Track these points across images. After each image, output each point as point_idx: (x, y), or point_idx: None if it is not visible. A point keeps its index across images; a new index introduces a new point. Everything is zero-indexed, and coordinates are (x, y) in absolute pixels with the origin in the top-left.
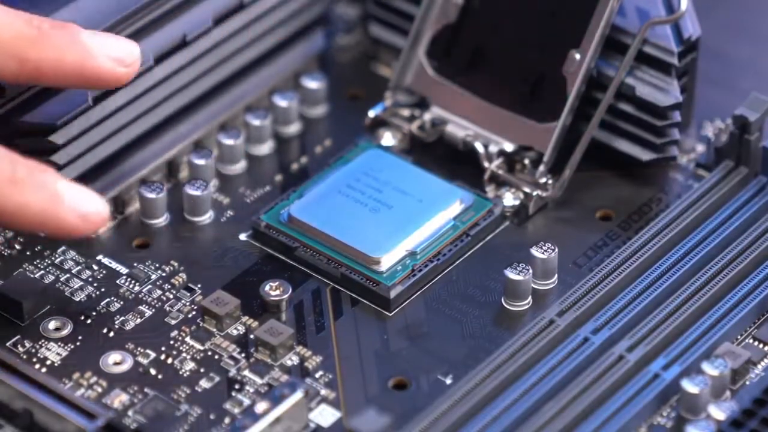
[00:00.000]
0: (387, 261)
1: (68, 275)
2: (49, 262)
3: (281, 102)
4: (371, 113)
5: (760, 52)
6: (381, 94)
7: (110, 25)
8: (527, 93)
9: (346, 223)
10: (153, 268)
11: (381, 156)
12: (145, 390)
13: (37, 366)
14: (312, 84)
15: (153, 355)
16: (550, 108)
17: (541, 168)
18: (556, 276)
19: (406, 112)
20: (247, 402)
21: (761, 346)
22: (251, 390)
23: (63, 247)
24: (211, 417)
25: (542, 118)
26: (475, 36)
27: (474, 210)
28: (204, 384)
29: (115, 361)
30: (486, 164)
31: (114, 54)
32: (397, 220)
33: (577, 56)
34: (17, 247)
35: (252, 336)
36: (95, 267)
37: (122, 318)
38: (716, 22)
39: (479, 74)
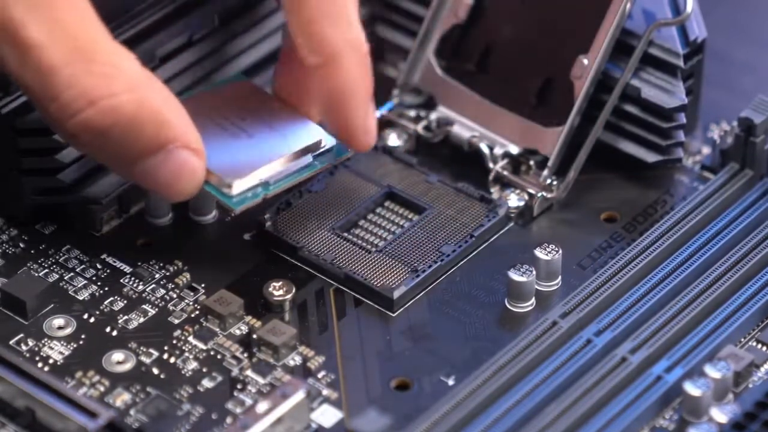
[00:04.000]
0: (238, 186)
1: (72, 274)
2: (53, 260)
3: None
4: (378, 113)
5: (760, 53)
6: (387, 95)
7: (116, 24)
8: (534, 96)
9: (204, 145)
10: (157, 267)
11: (249, 86)
12: (148, 389)
13: (40, 364)
14: None
15: (156, 354)
16: (557, 112)
17: (546, 172)
18: (559, 277)
19: (412, 113)
20: (249, 402)
21: (764, 349)
22: (253, 390)
23: (67, 246)
24: (213, 417)
25: (548, 122)
26: (485, 37)
27: (334, 154)
28: (206, 383)
29: (118, 360)
30: (491, 165)
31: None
32: (256, 149)
33: (585, 62)
34: (21, 245)
35: (255, 336)
36: (99, 266)
37: (125, 317)
38: (717, 23)
39: (487, 76)
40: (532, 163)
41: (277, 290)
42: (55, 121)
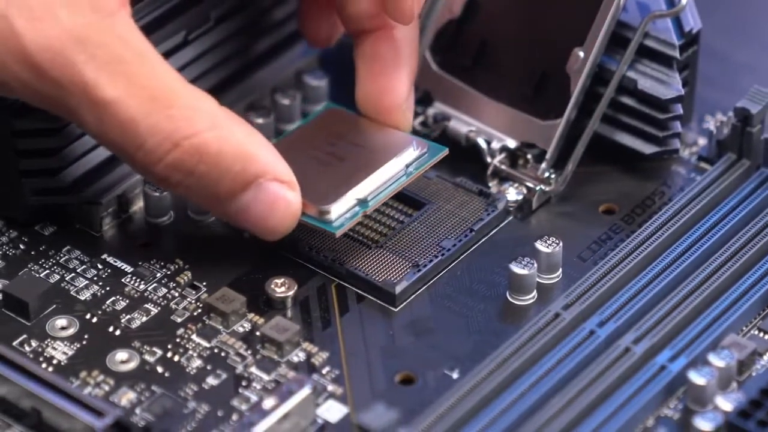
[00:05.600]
0: (336, 210)
1: (73, 274)
2: (54, 261)
3: (283, 100)
4: None
5: (760, 53)
6: None
7: None
8: (531, 90)
9: (297, 179)
10: (158, 266)
11: (337, 113)
12: (153, 388)
13: (44, 365)
14: (314, 82)
15: (159, 352)
16: (554, 105)
17: (544, 165)
18: (560, 270)
19: None
20: (254, 398)
21: (766, 337)
22: (258, 386)
23: (68, 247)
24: (219, 414)
25: (545, 115)
26: (480, 32)
27: (429, 156)
28: (211, 381)
29: (122, 360)
30: (489, 160)
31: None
32: (348, 170)
33: (581, 54)
34: (22, 246)
35: (258, 333)
36: (100, 266)
37: (128, 316)
38: (716, 23)
39: (483, 70)
40: (529, 156)
41: (279, 287)
42: (142, 167)
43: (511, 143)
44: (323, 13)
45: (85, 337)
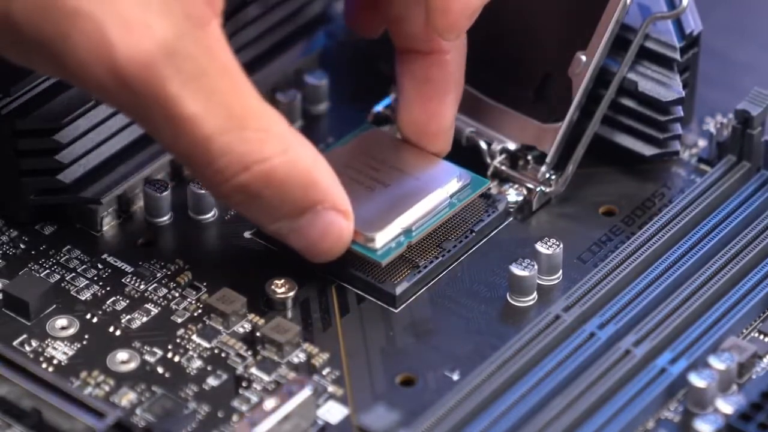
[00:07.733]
0: (381, 238)
1: (73, 274)
2: (55, 261)
3: (284, 99)
4: (375, 109)
5: (760, 53)
6: (383, 91)
7: None
8: (532, 93)
9: None
10: (158, 266)
11: (377, 135)
12: (153, 388)
13: (44, 365)
14: (314, 81)
15: (160, 353)
16: (555, 109)
17: (544, 168)
18: (560, 271)
19: None
20: (255, 399)
21: (767, 339)
22: (258, 387)
23: (68, 246)
24: (220, 415)
25: (547, 118)
26: (482, 33)
27: (471, 188)
28: (211, 382)
29: (122, 360)
30: (489, 161)
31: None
32: (393, 198)
33: (584, 58)
34: (22, 246)
35: (258, 333)
36: (100, 266)
37: (128, 316)
38: (717, 23)
39: (485, 72)
40: (530, 158)
41: (279, 288)
42: (208, 183)
43: (512, 145)
44: (374, 10)
45: (86, 337)
